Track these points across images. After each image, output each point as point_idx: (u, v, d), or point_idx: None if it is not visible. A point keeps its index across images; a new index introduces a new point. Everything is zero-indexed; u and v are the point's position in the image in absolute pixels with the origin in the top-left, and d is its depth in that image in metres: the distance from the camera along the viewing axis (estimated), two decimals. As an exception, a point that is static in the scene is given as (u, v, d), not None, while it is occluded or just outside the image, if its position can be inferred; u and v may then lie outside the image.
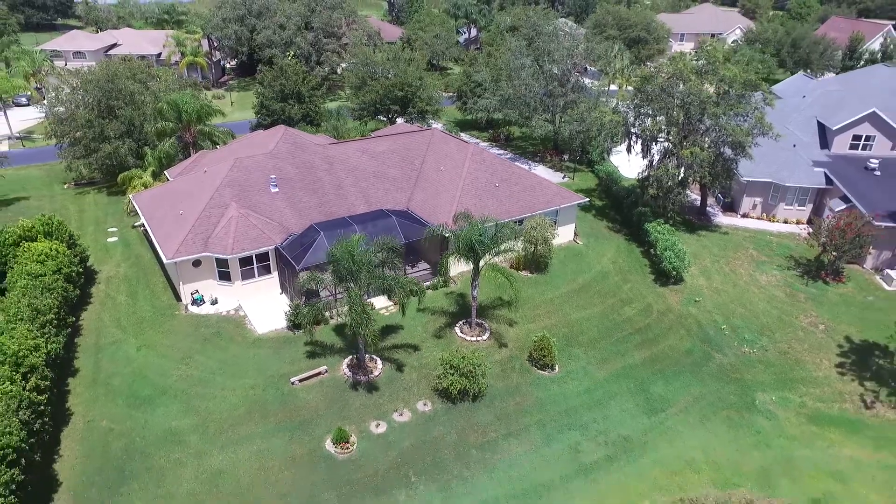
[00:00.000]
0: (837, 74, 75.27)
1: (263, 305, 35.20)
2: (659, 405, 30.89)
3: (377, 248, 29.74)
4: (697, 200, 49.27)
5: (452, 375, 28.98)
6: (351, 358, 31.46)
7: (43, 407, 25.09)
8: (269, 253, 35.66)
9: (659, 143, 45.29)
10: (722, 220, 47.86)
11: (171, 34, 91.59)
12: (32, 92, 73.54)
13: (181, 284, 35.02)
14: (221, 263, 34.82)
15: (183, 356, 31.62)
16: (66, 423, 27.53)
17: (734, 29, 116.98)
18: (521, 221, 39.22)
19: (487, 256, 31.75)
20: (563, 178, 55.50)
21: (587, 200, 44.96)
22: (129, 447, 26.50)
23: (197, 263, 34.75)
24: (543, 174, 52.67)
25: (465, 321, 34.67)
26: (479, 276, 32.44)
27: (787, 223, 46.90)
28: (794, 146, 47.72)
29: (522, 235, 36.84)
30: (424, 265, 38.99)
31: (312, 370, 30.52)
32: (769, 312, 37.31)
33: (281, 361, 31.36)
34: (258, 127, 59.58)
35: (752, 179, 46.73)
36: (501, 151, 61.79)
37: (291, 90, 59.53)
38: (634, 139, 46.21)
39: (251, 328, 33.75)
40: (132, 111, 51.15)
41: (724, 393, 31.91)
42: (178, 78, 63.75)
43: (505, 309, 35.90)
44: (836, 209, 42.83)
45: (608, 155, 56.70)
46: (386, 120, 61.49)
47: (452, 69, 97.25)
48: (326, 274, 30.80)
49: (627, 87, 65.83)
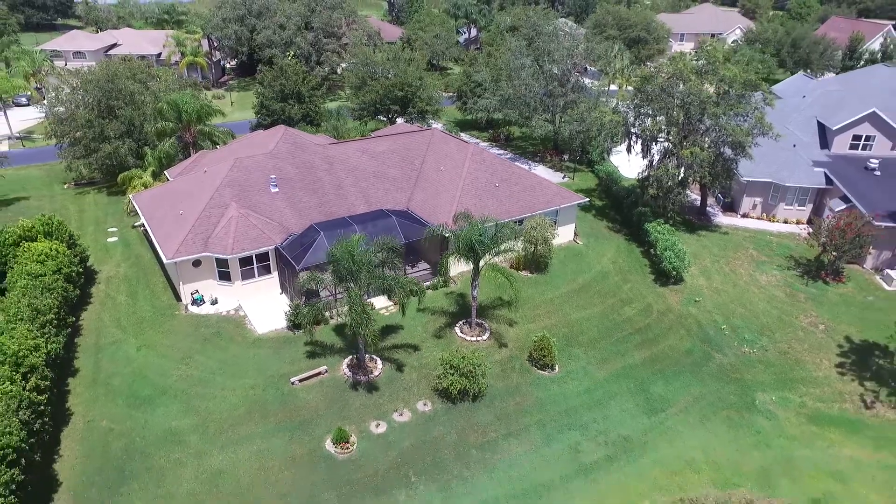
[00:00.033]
0: (837, 74, 75.26)
1: (263, 305, 35.21)
2: (659, 405, 30.89)
3: (377, 248, 29.75)
4: (697, 200, 49.28)
5: (452, 375, 28.98)
6: (351, 358, 31.47)
7: (43, 407, 25.10)
8: (269, 253, 35.67)
9: (659, 143, 45.29)
10: (722, 220, 47.86)
11: (171, 34, 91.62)
12: (32, 92, 73.55)
13: (181, 284, 35.03)
14: (221, 263, 34.84)
15: (183, 356, 31.63)
16: (66, 423, 27.53)
17: (734, 29, 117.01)
18: (521, 221, 39.23)
19: (487, 256, 31.75)
20: (563, 178, 55.51)
21: (587, 200, 44.95)
22: (129, 447, 26.51)
23: (197, 263, 34.76)
24: (543, 174, 52.67)
25: (465, 321, 34.68)
26: (479, 275, 32.44)
27: (787, 223, 46.91)
28: (794, 146, 47.72)
29: (522, 235, 36.84)
30: (424, 265, 39.00)
31: (312, 370, 30.53)
32: (769, 312, 37.31)
33: (281, 361, 31.37)
34: (258, 127, 59.58)
35: (752, 179, 46.74)
36: (501, 151, 61.79)
37: (291, 90, 59.54)
38: (634, 139, 46.23)
39: (251, 328, 33.76)
40: (132, 111, 51.16)
41: (724, 393, 31.92)
42: (177, 78, 63.75)
43: (505, 309, 35.90)
44: (836, 209, 42.83)
45: (608, 155, 56.71)
46: (386, 120, 61.51)
47: (452, 69, 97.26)
48: (326, 274, 30.80)
49: (627, 87, 65.82)
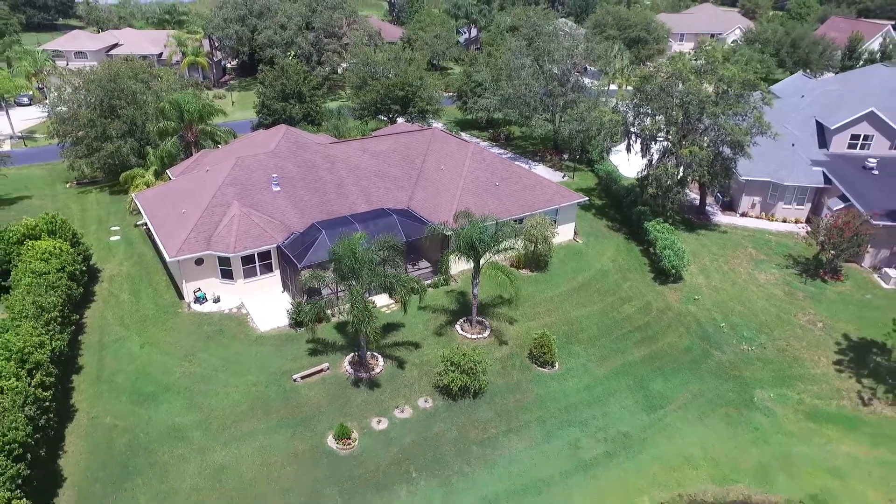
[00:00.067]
0: (836, 74, 75.46)
1: (265, 303, 35.46)
2: (658, 402, 31.14)
3: (378, 246, 29.99)
4: (697, 199, 49.52)
5: (453, 372, 29.22)
6: (352, 355, 31.71)
7: (48, 403, 25.37)
8: (270, 251, 35.90)
9: (658, 142, 45.47)
10: (721, 219, 48.09)
11: (172, 34, 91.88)
12: (34, 92, 73.78)
13: (184, 283, 35.26)
14: (224, 262, 35.06)
15: (186, 354, 31.86)
16: (70, 419, 27.78)
17: (734, 29, 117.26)
18: (521, 220, 39.44)
19: (488, 255, 31.98)
20: (562, 177, 55.73)
21: (587, 199, 45.17)
22: (132, 443, 26.75)
23: (199, 262, 34.99)
24: (543, 173, 52.88)
25: (465, 319, 34.92)
26: (479, 274, 32.67)
27: (785, 222, 47.13)
28: (792, 145, 47.94)
29: (523, 234, 37.04)
30: (425, 264, 39.23)
31: (314, 367, 30.77)
32: (768, 310, 37.54)
33: (283, 359, 31.61)
34: (259, 126, 59.76)
35: (750, 178, 46.97)
36: (501, 151, 62.00)
37: (292, 90, 59.72)
38: (634, 138, 46.48)
39: (253, 326, 34.00)
40: (134, 111, 51.36)
41: (722, 390, 32.16)
42: (179, 78, 63.97)
43: (505, 307, 36.12)
44: (834, 208, 43.08)
45: (608, 154, 56.92)
46: (386, 119, 61.74)
47: (453, 69, 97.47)
48: (328, 272, 31.03)
49: (627, 86, 66.02)
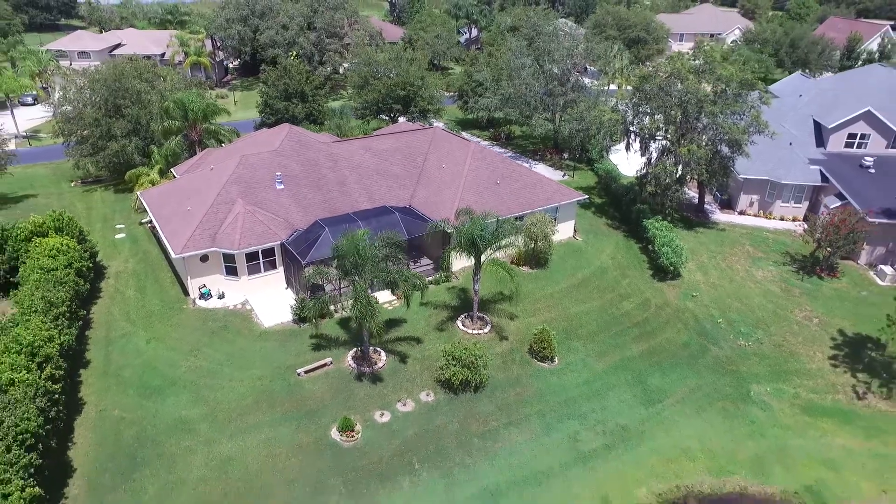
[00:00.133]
0: (835, 74, 75.90)
1: (269, 300, 35.97)
2: (656, 396, 31.65)
3: (381, 243, 30.49)
4: (695, 198, 50.00)
5: (455, 366, 29.73)
6: (355, 350, 32.21)
7: (57, 395, 25.89)
8: (274, 248, 36.40)
9: (657, 141, 45.95)
10: (719, 217, 48.56)
11: (174, 34, 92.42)
12: (39, 91, 74.30)
13: (189, 279, 35.78)
14: (228, 258, 35.58)
15: (191, 348, 32.38)
16: (78, 412, 28.31)
17: (733, 29, 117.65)
18: (521, 218, 39.91)
19: (489, 251, 32.49)
20: (562, 175, 56.22)
21: (587, 198, 45.65)
22: (140, 435, 27.29)
23: (204, 258, 35.50)
24: (544, 172, 53.32)
25: (466, 315, 35.42)
26: (480, 270, 33.17)
27: (783, 220, 47.57)
28: (790, 144, 48.42)
29: (523, 231, 37.51)
30: (426, 261, 39.74)
31: (318, 362, 31.29)
32: (765, 307, 38.04)
33: (287, 354, 32.12)
34: (262, 125, 60.28)
35: (748, 177, 47.46)
36: (502, 150, 62.48)
37: (295, 89, 60.23)
38: (633, 137, 46.96)
39: (258, 322, 34.51)
40: (139, 110, 51.87)
41: (719, 384, 32.67)
42: (182, 77, 64.48)
43: (506, 303, 36.63)
44: (831, 206, 43.57)
45: (607, 153, 57.39)
46: (388, 119, 62.26)
47: (453, 69, 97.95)
48: (331, 268, 31.53)
49: (627, 86, 66.49)
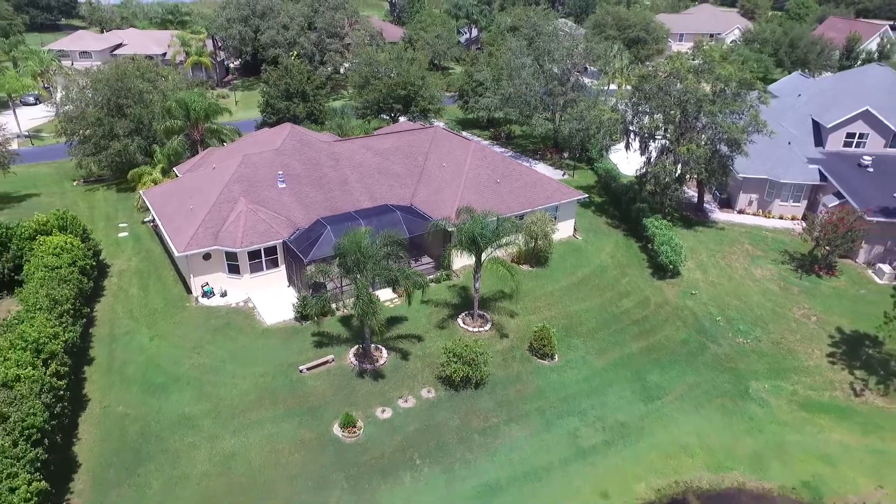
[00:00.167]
0: (834, 74, 76.15)
1: (272, 297, 36.22)
2: (655, 393, 31.90)
3: (382, 241, 30.73)
4: (694, 197, 50.25)
5: (455, 363, 29.98)
6: (357, 347, 32.47)
7: (62, 392, 26.16)
8: (276, 247, 36.63)
9: (656, 140, 46.23)
10: (718, 216, 48.81)
11: (176, 34, 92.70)
12: (41, 91, 74.56)
13: (192, 277, 36.03)
14: (231, 257, 35.83)
15: (194, 346, 32.64)
16: (83, 408, 28.60)
17: (733, 29, 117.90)
18: (521, 217, 40.15)
19: (489, 250, 32.73)
20: (562, 175, 56.46)
21: (586, 197, 45.88)
22: (144, 431, 27.55)
23: (207, 257, 35.75)
24: (544, 171, 53.46)
25: (467, 313, 35.66)
26: (481, 269, 33.41)
27: (782, 219, 47.81)
28: (789, 143, 48.67)
29: (523, 230, 37.78)
30: (427, 259, 40.01)
31: (320, 359, 31.55)
32: (763, 305, 38.29)
33: (289, 351, 32.37)
34: (263, 125, 60.58)
35: (747, 176, 47.71)
36: (502, 149, 62.72)
37: (296, 89, 60.51)
38: (633, 137, 47.24)
39: (260, 319, 34.76)
40: (141, 109, 52.13)
41: (718, 381, 32.93)
42: (184, 77, 64.73)
43: (506, 301, 36.88)
44: (829, 205, 43.81)
45: (607, 152, 57.65)
46: (389, 118, 62.53)
47: (454, 69, 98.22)
48: (333, 266, 31.80)
49: (626, 86, 66.73)
